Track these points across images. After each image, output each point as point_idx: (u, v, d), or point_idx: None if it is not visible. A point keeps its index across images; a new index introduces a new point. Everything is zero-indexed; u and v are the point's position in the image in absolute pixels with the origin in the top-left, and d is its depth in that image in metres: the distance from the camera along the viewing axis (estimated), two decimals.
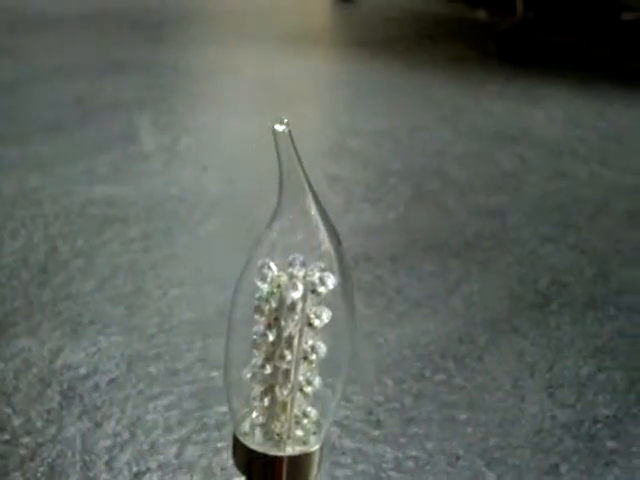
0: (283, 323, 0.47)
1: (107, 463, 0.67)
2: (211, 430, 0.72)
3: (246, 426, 0.50)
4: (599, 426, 0.76)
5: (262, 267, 0.48)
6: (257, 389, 0.49)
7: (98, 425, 0.71)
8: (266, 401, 0.49)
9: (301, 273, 0.47)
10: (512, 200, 1.23)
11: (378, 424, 0.75)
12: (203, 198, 1.13)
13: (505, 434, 0.75)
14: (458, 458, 0.72)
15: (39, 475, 0.66)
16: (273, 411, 0.49)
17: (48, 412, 0.73)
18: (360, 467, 0.70)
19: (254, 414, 0.49)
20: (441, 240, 1.09)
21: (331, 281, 0.47)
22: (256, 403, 0.49)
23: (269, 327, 0.48)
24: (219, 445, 0.70)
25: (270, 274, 0.47)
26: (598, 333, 0.91)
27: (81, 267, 0.95)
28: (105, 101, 1.51)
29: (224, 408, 0.75)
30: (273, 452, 0.49)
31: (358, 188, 1.24)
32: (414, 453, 0.72)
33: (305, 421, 0.49)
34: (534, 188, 1.27)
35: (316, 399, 0.49)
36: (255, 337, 0.48)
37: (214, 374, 0.79)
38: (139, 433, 0.71)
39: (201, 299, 0.91)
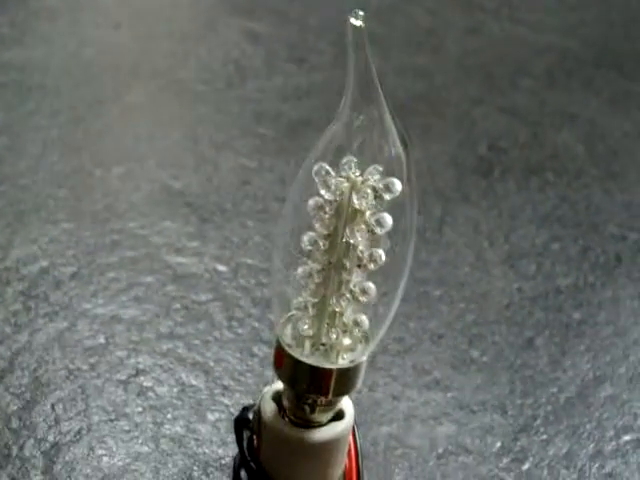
0: (343, 232, 0.45)
1: (93, 368, 0.64)
2: (194, 322, 0.69)
3: (289, 337, 0.48)
4: (563, 297, 0.79)
5: (319, 172, 0.45)
6: (306, 298, 0.47)
7: (72, 326, 0.67)
8: (316, 311, 0.47)
9: (359, 178, 0.45)
10: (434, 59, 1.21)
11: None
12: (123, 60, 1.05)
13: (479, 309, 0.76)
14: (441, 337, 0.73)
15: (23, 389, 0.62)
16: (323, 321, 0.47)
17: (14, 315, 0.68)
18: None
19: (302, 325, 0.47)
20: None
21: (397, 187, 0.44)
22: (303, 312, 0.47)
23: (326, 236, 0.45)
24: (208, 338, 0.68)
25: (332, 180, 0.44)
26: (543, 201, 0.92)
27: (8, 145, 0.87)
28: None
29: (203, 295, 0.72)
30: (322, 364, 0.47)
31: (279, 45, 1.18)
32: (398, 335, 0.72)
33: (356, 330, 0.48)
34: (453, 46, 1.25)
35: (369, 307, 0.48)
36: (309, 246, 0.45)
37: (182, 259, 0.76)
38: (119, 331, 0.68)
39: (146, 177, 0.86)
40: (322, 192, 0.45)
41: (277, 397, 0.51)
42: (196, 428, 0.61)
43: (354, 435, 0.54)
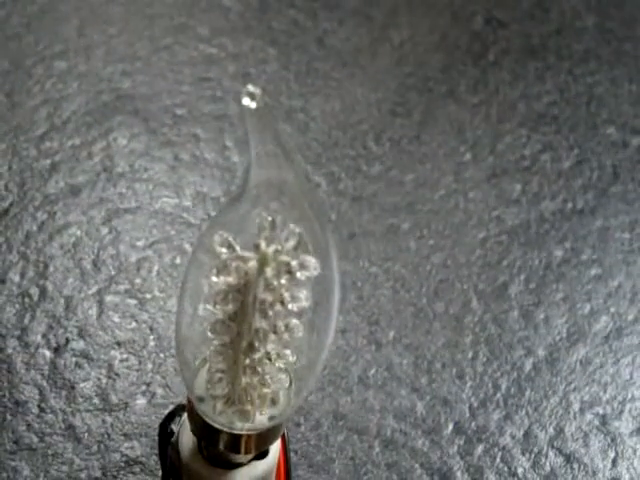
0: (250, 314, 0.38)
1: (20, 337, 0.59)
2: (133, 275, 0.64)
3: (201, 386, 0.43)
4: (546, 227, 0.72)
5: (220, 244, 0.37)
6: (216, 363, 0.41)
7: (1, 282, 0.62)
8: (228, 372, 0.41)
9: (272, 248, 0.37)
10: None
11: None
12: None
13: (450, 247, 0.69)
14: (403, 284, 0.67)
15: None
16: (237, 381, 0.41)
17: None
18: None
19: (213, 386, 0.42)
20: None
21: (313, 266, 0.37)
22: (215, 375, 0.42)
23: (233, 316, 0.39)
24: (143, 296, 0.63)
25: (233, 263, 0.37)
26: (540, 94, 0.83)
27: None
28: None
29: (141, 240, 0.66)
30: (236, 425, 0.42)
31: None
32: (358, 283, 0.66)
33: (274, 386, 0.42)
34: None
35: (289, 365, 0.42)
36: (213, 324, 0.39)
37: (122, 189, 0.69)
38: (50, 288, 0.62)
39: (92, 74, 0.77)
40: (220, 278, 0.37)
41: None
42: (127, 413, 0.57)
43: (284, 446, 0.50)
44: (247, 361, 0.40)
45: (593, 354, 0.64)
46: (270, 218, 0.37)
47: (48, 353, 0.59)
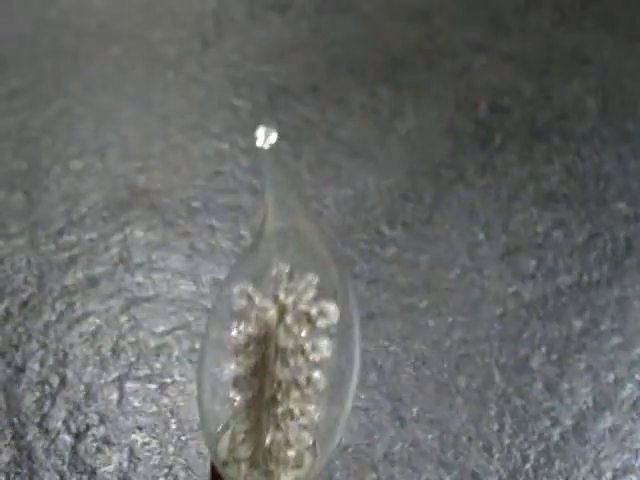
0: (272, 366, 0.38)
1: (40, 424, 0.59)
2: (152, 361, 0.64)
3: (224, 452, 0.42)
4: (563, 300, 0.72)
5: (240, 296, 0.37)
6: (238, 425, 0.41)
7: (20, 371, 0.62)
8: (250, 433, 0.41)
9: (290, 298, 0.37)
10: None
11: None
12: (89, 22, 0.96)
13: (469, 323, 0.69)
14: (425, 362, 0.66)
15: None
16: (260, 442, 0.41)
17: None
18: None
19: (236, 448, 0.41)
20: (365, 58, 0.97)
21: (333, 312, 0.37)
22: (238, 437, 0.41)
23: (254, 371, 0.38)
24: (163, 380, 0.62)
25: (253, 313, 0.37)
26: (548, 174, 0.84)
27: None
28: None
29: (160, 326, 0.66)
30: None
31: None
32: (379, 361, 0.66)
33: (298, 446, 0.41)
34: None
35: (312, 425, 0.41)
36: (235, 380, 0.39)
37: (140, 278, 0.70)
38: (70, 376, 0.62)
39: (107, 172, 0.79)
40: (241, 328, 0.37)
41: None
42: None
43: None
44: (270, 417, 0.40)
45: (622, 421, 0.63)
46: (287, 270, 0.38)
47: (69, 439, 0.58)
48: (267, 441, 0.41)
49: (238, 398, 0.39)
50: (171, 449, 0.58)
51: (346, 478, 0.58)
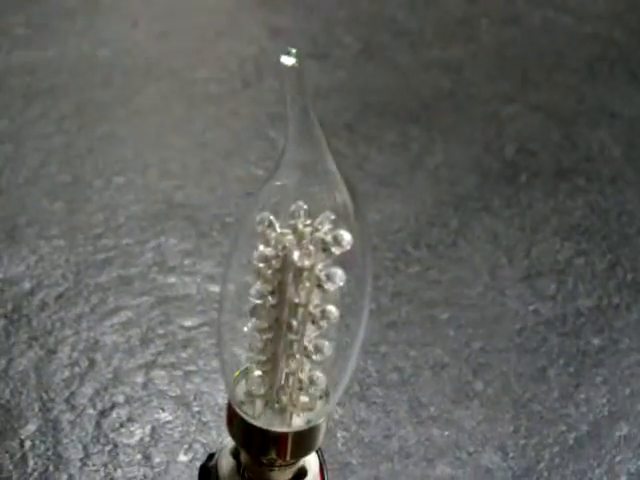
0: (289, 290, 0.40)
1: (67, 400, 0.61)
2: (179, 351, 0.66)
3: (241, 393, 0.44)
4: (582, 320, 0.73)
5: (261, 223, 0.40)
6: (255, 356, 0.43)
7: (52, 353, 0.65)
8: (266, 369, 0.43)
9: (308, 229, 0.40)
10: (467, 52, 1.14)
11: None
12: (138, 60, 1.01)
13: (488, 335, 0.71)
14: (444, 367, 0.68)
15: None
16: (275, 380, 0.43)
17: None
18: None
19: (253, 383, 0.43)
20: (397, 103, 1.01)
21: (347, 240, 0.40)
22: (254, 373, 0.43)
23: (272, 293, 0.41)
24: (189, 368, 0.65)
25: (272, 234, 0.40)
26: (571, 209, 0.86)
27: (9, 154, 0.85)
28: None
29: (189, 321, 0.69)
30: (274, 426, 0.43)
31: (302, 41, 1.13)
32: (397, 364, 0.67)
33: (312, 389, 0.43)
34: (488, 36, 1.19)
35: (326, 365, 0.43)
36: (253, 301, 0.41)
37: (172, 279, 0.72)
38: (99, 360, 0.64)
39: (147, 188, 0.83)
40: (261, 248, 0.40)
41: (236, 452, 0.47)
42: (169, 469, 0.58)
43: (322, 476, 0.50)
44: (286, 353, 0.42)
45: (637, 431, 0.64)
46: (305, 207, 0.40)
47: (94, 414, 0.60)
48: (281, 381, 0.43)
49: (256, 329, 0.41)
50: (192, 428, 0.60)
51: (362, 467, 0.59)
